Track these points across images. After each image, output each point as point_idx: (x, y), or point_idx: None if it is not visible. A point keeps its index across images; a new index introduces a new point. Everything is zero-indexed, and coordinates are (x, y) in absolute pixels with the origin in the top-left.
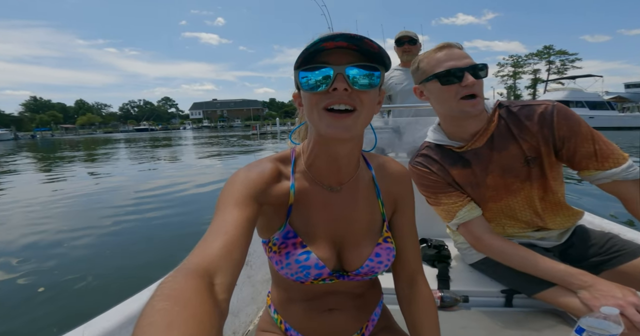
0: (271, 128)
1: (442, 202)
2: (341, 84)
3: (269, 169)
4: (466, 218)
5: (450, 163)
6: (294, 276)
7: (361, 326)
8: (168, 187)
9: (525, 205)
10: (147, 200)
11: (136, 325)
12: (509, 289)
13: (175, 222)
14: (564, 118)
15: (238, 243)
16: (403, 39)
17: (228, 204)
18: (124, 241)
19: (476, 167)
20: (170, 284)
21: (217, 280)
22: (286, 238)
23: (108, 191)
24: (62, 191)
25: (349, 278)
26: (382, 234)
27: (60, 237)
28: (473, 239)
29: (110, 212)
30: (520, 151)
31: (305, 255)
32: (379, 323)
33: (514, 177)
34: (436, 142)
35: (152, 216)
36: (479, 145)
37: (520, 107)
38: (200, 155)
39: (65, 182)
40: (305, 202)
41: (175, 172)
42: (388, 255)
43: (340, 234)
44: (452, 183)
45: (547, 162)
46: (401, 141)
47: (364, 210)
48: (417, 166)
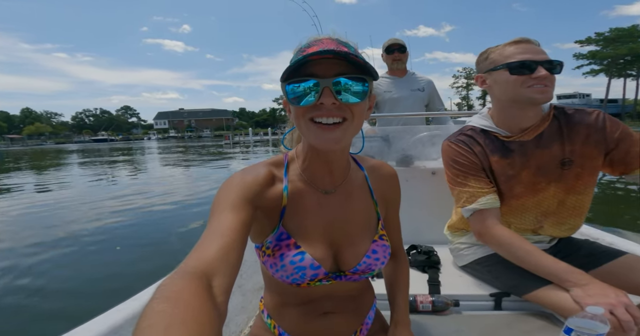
0: (244, 137)
1: (470, 184)
2: (328, 98)
3: (263, 173)
4: (486, 206)
5: (492, 149)
6: (289, 278)
7: (355, 329)
8: (135, 200)
9: (537, 206)
10: (115, 215)
11: (136, 326)
12: (497, 292)
13: (136, 238)
14: (615, 123)
15: (235, 246)
16: (393, 46)
17: (224, 208)
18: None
19: (517, 158)
20: (170, 286)
21: (215, 282)
22: (280, 240)
23: (57, 208)
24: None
25: (346, 277)
26: (377, 232)
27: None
28: (484, 228)
29: (59, 230)
30: (561, 152)
31: (299, 256)
32: (372, 327)
33: (543, 177)
34: (482, 127)
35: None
36: (527, 139)
37: (574, 110)
38: (180, 165)
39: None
40: (299, 204)
41: (145, 187)
42: (384, 252)
43: (336, 234)
44: (487, 169)
45: (589, 165)
46: (390, 149)
47: (359, 210)
48: (458, 144)
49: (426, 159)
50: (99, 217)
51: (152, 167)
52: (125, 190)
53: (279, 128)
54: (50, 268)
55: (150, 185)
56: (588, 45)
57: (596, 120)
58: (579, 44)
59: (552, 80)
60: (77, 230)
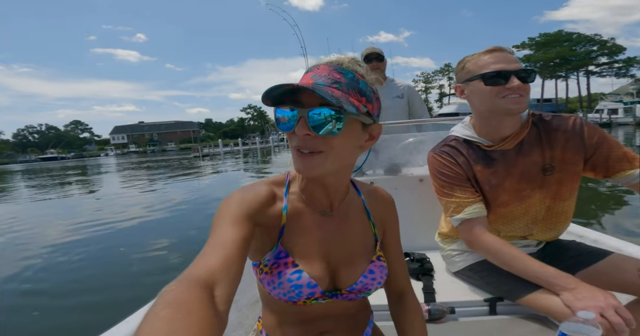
0: (213, 149)
1: (456, 194)
2: (301, 129)
3: (263, 191)
4: (473, 215)
5: (475, 159)
6: (286, 296)
7: None
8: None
9: (526, 213)
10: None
11: (137, 331)
12: (492, 297)
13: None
14: (593, 128)
15: (236, 258)
16: (371, 55)
17: (224, 222)
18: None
19: (499, 167)
20: (173, 292)
21: (217, 291)
22: (278, 258)
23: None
24: None
25: (342, 296)
26: (375, 252)
27: None
28: (472, 236)
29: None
30: (542, 158)
31: (297, 274)
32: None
33: (527, 183)
34: (465, 137)
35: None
36: (508, 147)
37: (552, 116)
38: (157, 180)
39: None
40: (298, 223)
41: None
42: (381, 272)
43: (333, 254)
44: (472, 179)
45: (571, 170)
46: (378, 159)
47: (357, 232)
48: (442, 155)
49: (413, 166)
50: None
51: (125, 185)
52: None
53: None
54: None
55: (135, 206)
56: (523, 49)
57: (573, 126)
58: (515, 48)
59: (527, 89)
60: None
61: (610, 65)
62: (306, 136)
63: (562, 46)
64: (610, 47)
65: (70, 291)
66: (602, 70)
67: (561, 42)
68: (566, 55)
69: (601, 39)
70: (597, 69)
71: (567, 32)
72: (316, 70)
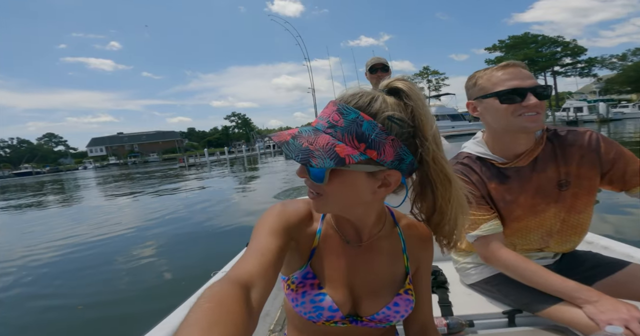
0: (199, 159)
1: (471, 212)
2: (300, 172)
3: (303, 209)
4: (489, 232)
5: (489, 176)
6: (307, 315)
7: None
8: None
9: (541, 226)
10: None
11: (184, 320)
12: (510, 309)
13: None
14: (609, 143)
15: (272, 265)
16: (376, 66)
17: (264, 231)
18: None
19: (514, 184)
20: (217, 288)
21: (253, 293)
22: (305, 278)
23: None
24: None
25: (362, 323)
26: (404, 286)
27: None
28: (488, 252)
29: None
30: (557, 174)
31: (320, 297)
32: None
33: (542, 198)
34: (478, 154)
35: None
36: (522, 165)
37: (567, 131)
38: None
39: None
40: (328, 248)
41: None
42: (407, 306)
43: (359, 282)
44: (486, 196)
45: (587, 185)
46: None
47: (386, 264)
48: (456, 174)
49: None
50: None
51: (121, 201)
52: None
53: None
54: None
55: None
56: (494, 51)
57: (589, 141)
58: (487, 50)
59: (543, 106)
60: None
61: (574, 65)
62: (306, 181)
63: (529, 48)
64: (572, 48)
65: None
66: (567, 71)
67: (528, 44)
68: (533, 57)
69: (564, 40)
70: (562, 69)
71: (533, 34)
72: (326, 108)
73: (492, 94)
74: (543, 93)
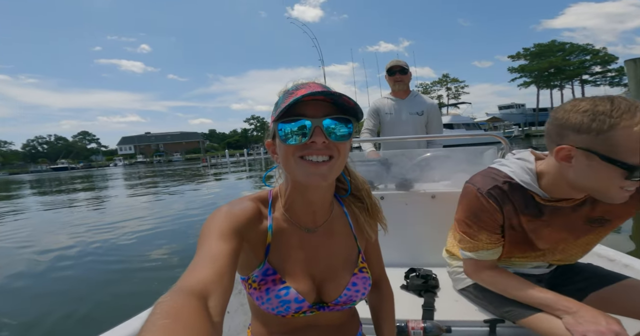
0: (220, 159)
1: (480, 237)
2: (319, 137)
3: (250, 207)
4: (483, 258)
5: (524, 208)
6: (274, 310)
7: None
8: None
9: (558, 253)
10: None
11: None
12: (492, 319)
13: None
14: None
15: (227, 270)
16: (394, 68)
17: (212, 236)
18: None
19: (546, 219)
20: (169, 302)
21: (210, 302)
22: (265, 275)
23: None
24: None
25: (329, 308)
26: (357, 265)
27: None
28: (473, 272)
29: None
30: (591, 212)
31: (284, 291)
32: None
33: (568, 232)
34: (521, 183)
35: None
36: (564, 205)
37: None
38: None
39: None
40: (283, 242)
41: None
42: (364, 283)
43: (318, 269)
44: (517, 226)
45: (618, 222)
46: (389, 174)
47: (340, 245)
48: (489, 198)
49: (425, 182)
50: None
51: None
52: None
53: (252, 148)
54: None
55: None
56: (518, 59)
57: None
58: (511, 58)
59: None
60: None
61: (604, 74)
62: (322, 144)
63: (556, 56)
64: (602, 56)
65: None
66: (596, 79)
67: (554, 52)
68: (560, 65)
69: (593, 48)
70: (591, 78)
71: (560, 42)
72: (308, 87)
73: (619, 163)
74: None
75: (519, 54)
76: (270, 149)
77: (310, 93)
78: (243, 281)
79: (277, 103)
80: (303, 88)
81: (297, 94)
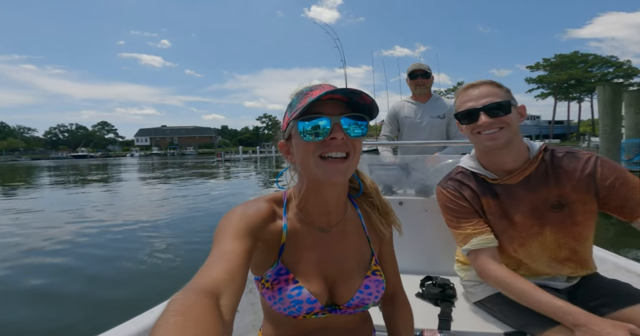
0: (234, 155)
1: (462, 226)
2: (339, 133)
3: (265, 208)
4: (478, 246)
5: (482, 191)
6: (286, 310)
7: None
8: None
9: (543, 251)
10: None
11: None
12: (512, 331)
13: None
14: (609, 168)
15: (239, 270)
16: (416, 72)
17: (227, 236)
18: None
19: (504, 201)
20: (182, 300)
21: (222, 301)
22: (278, 274)
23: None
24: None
25: (341, 311)
26: (370, 268)
27: None
28: (479, 266)
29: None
30: (550, 195)
31: (297, 291)
32: None
33: (536, 219)
34: (471, 170)
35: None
36: (512, 182)
37: (564, 153)
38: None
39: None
40: (297, 242)
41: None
42: (377, 287)
43: (331, 270)
44: (479, 211)
45: (582, 209)
46: (409, 179)
47: (353, 248)
48: (448, 189)
49: None
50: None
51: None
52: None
53: (263, 146)
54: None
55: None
56: (537, 69)
57: (585, 165)
58: (529, 68)
59: (502, 121)
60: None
61: (626, 87)
62: (342, 140)
63: (577, 67)
64: (626, 69)
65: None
66: None
67: (576, 64)
68: (580, 77)
69: (617, 60)
70: None
71: (583, 53)
72: (322, 88)
73: (455, 116)
74: (496, 111)
75: (538, 64)
76: (283, 150)
77: (329, 91)
78: (257, 282)
79: (291, 104)
80: (317, 89)
81: (313, 95)
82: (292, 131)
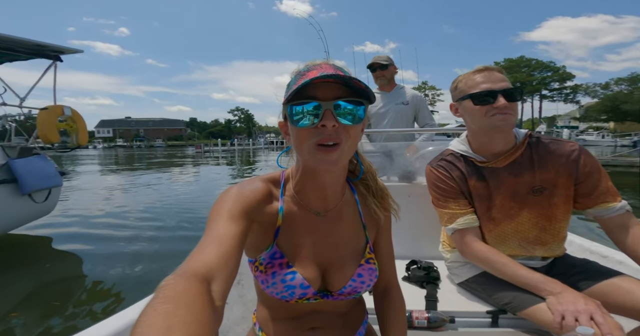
0: (212, 147)
1: (449, 206)
2: (329, 121)
3: (261, 188)
4: (464, 226)
5: (470, 173)
6: (279, 295)
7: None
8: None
9: (516, 232)
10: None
11: (135, 324)
12: (494, 310)
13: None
14: (589, 157)
15: (232, 254)
16: (374, 65)
17: (221, 217)
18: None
19: (490, 183)
20: (172, 286)
21: (214, 286)
22: (273, 258)
23: None
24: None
25: (333, 298)
26: (364, 255)
27: None
28: (463, 245)
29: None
30: (532, 180)
31: (290, 275)
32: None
33: (516, 202)
34: (461, 152)
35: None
36: (499, 166)
37: (550, 140)
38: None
39: None
40: (293, 225)
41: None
42: (370, 275)
43: (326, 256)
44: (466, 192)
45: (563, 194)
46: (392, 165)
47: (348, 234)
48: (439, 169)
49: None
50: None
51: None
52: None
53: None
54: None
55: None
56: None
57: (571, 152)
58: None
59: (513, 107)
60: None
61: (560, 91)
62: (332, 128)
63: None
64: (561, 73)
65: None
66: (553, 95)
67: (521, 68)
68: (524, 81)
69: (554, 65)
70: (549, 94)
71: (527, 58)
72: (320, 68)
73: (468, 96)
74: (513, 96)
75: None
76: (282, 130)
77: (320, 75)
78: (250, 264)
79: (289, 84)
80: (315, 69)
81: (309, 76)
82: (286, 113)
